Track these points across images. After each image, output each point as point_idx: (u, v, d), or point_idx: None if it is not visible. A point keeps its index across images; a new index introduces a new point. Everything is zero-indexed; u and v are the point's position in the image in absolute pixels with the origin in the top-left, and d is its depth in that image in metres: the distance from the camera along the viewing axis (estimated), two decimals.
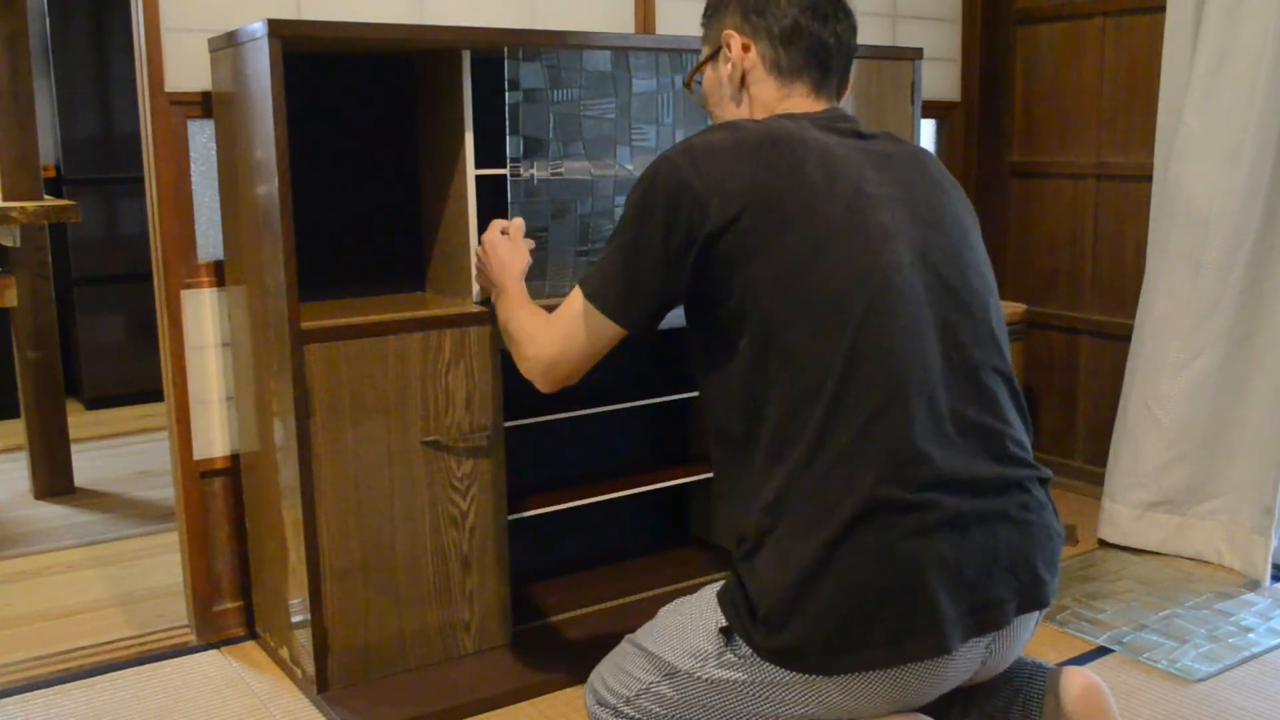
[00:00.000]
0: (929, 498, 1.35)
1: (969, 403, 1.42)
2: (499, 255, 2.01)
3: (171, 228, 2.30)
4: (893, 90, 2.71)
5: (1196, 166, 2.73)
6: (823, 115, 1.57)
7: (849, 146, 1.51)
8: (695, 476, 2.68)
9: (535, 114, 2.21)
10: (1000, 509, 1.40)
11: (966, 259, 1.50)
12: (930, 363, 1.40)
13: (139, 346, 4.54)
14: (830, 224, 1.42)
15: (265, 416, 2.18)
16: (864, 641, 1.33)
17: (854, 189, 1.45)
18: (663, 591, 2.52)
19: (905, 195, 1.49)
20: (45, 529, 3.17)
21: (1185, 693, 2.11)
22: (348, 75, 2.33)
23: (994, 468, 1.41)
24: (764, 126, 1.51)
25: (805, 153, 1.46)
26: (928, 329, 1.42)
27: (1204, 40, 2.69)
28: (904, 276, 1.42)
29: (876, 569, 1.33)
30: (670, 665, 1.49)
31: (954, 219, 1.52)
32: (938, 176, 1.57)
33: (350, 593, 2.12)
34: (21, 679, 2.28)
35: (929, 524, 1.34)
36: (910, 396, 1.37)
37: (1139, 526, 2.86)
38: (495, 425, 2.21)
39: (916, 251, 1.45)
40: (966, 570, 1.35)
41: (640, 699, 1.53)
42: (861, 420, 1.36)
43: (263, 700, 2.17)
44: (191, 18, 2.26)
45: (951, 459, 1.38)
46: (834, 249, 1.41)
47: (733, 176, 1.44)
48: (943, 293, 1.45)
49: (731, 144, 1.48)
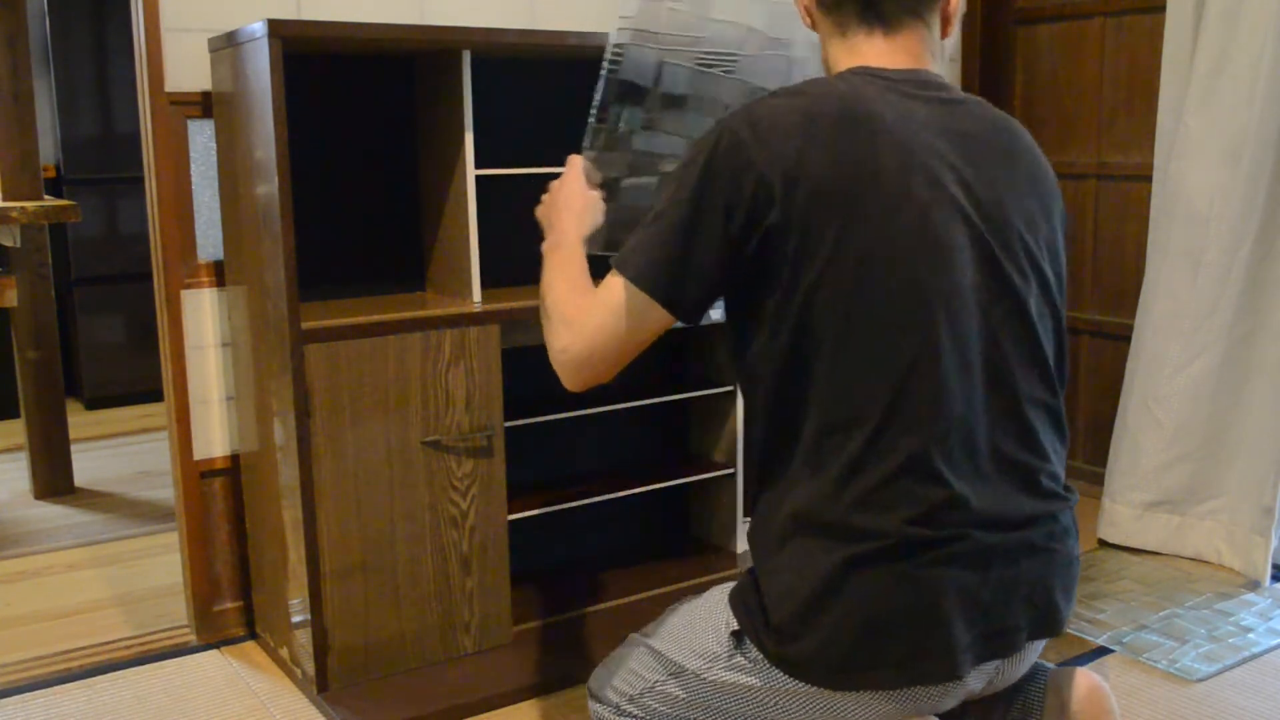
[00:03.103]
0: (958, 533, 1.30)
1: (1009, 438, 1.35)
2: (574, 205, 1.60)
3: (171, 228, 2.30)
4: None
5: (1196, 166, 2.73)
6: (904, 77, 1.36)
7: (930, 122, 1.34)
8: (695, 477, 2.68)
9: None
10: (1027, 541, 1.35)
11: (1032, 276, 1.36)
12: (975, 400, 1.32)
13: (139, 346, 4.54)
14: (900, 238, 1.28)
15: (265, 416, 2.18)
16: (875, 662, 1.30)
17: (929, 189, 1.30)
18: (663, 591, 2.52)
19: (984, 194, 1.34)
20: (45, 529, 3.17)
21: (1185, 693, 2.11)
22: (348, 75, 2.33)
23: (1027, 503, 1.35)
24: (840, 93, 1.33)
25: (882, 138, 1.29)
26: (977, 363, 1.33)
27: (1204, 40, 2.69)
28: (963, 302, 1.31)
29: (894, 592, 1.29)
30: (677, 664, 1.46)
31: (1029, 223, 1.37)
32: (1026, 167, 1.40)
33: (350, 593, 2.12)
34: (21, 679, 2.28)
35: (954, 555, 1.30)
36: (951, 436, 1.30)
37: (1139, 526, 2.86)
38: (495, 425, 2.21)
39: (981, 269, 1.32)
40: (984, 597, 1.32)
41: (645, 697, 1.50)
42: (899, 461, 1.29)
43: (263, 700, 2.17)
44: (191, 18, 2.26)
45: (985, 497, 1.32)
46: (898, 270, 1.28)
47: (802, 162, 1.27)
48: (1001, 317, 1.34)
49: (801, 117, 1.30)
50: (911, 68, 1.39)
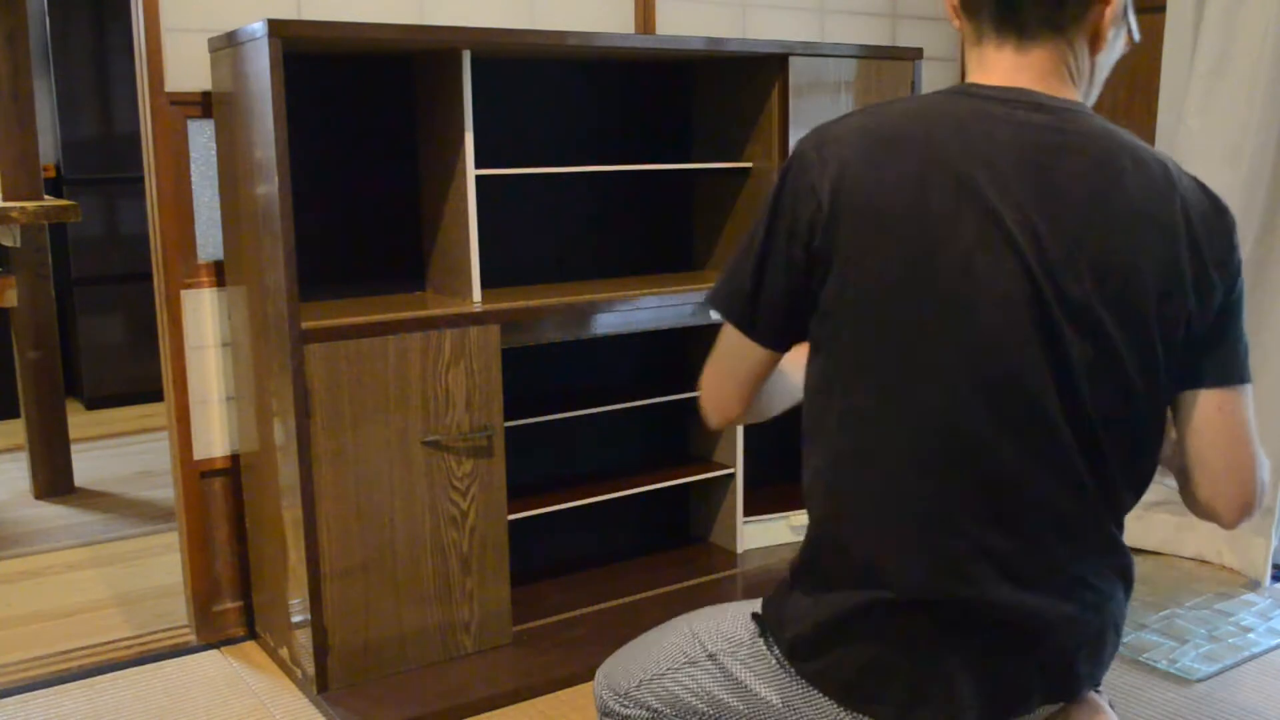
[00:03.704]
0: (977, 595, 1.21)
1: (1045, 531, 1.23)
2: None
3: (171, 228, 2.30)
4: (893, 90, 2.71)
5: (1196, 166, 2.72)
6: (1007, 96, 1.22)
7: (1010, 150, 1.19)
8: (695, 476, 2.69)
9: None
10: (1053, 608, 1.23)
11: (1089, 342, 1.18)
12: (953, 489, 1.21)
13: (139, 346, 4.54)
14: (937, 296, 1.17)
15: (265, 416, 2.18)
16: (876, 698, 1.27)
17: (979, 225, 1.16)
18: (663, 591, 2.52)
19: (1052, 243, 1.17)
20: (45, 529, 3.17)
21: (1185, 693, 2.11)
22: (348, 75, 2.33)
23: (1059, 573, 1.24)
24: (912, 112, 1.24)
25: (935, 164, 1.18)
26: (1005, 441, 1.18)
27: (1204, 40, 2.69)
28: (994, 362, 1.17)
29: (904, 644, 1.25)
30: (702, 646, 1.42)
31: (1102, 279, 1.17)
32: (1122, 216, 1.19)
33: (350, 593, 2.12)
34: (21, 679, 2.28)
35: (970, 621, 1.23)
36: (984, 512, 1.20)
37: (1139, 526, 2.85)
38: (495, 425, 2.21)
39: (1034, 327, 1.17)
40: (996, 661, 1.25)
41: (658, 682, 1.45)
42: (914, 528, 1.20)
43: (263, 700, 2.17)
44: (191, 18, 2.26)
45: (1014, 562, 1.21)
46: (930, 338, 1.18)
47: (854, 187, 1.20)
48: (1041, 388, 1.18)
49: (859, 136, 1.23)
50: (1028, 87, 1.24)
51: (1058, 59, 1.25)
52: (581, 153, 2.60)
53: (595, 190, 2.64)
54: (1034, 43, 1.24)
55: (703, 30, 2.81)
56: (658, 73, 2.70)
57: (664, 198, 2.74)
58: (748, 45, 2.48)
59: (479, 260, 2.27)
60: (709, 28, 2.82)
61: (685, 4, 2.78)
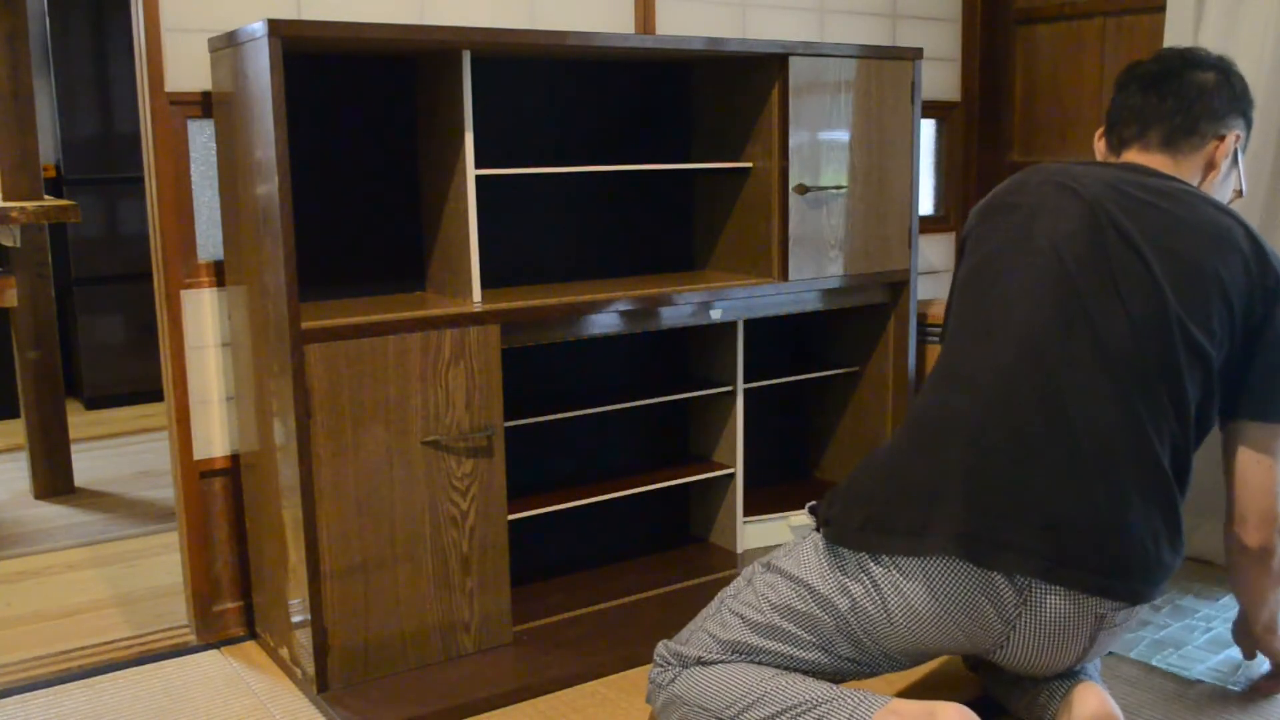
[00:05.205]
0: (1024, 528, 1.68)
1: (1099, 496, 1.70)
2: None
3: (171, 228, 2.30)
4: (893, 90, 2.71)
5: None
6: (1122, 164, 1.81)
7: (1105, 177, 1.73)
8: (695, 476, 2.69)
9: None
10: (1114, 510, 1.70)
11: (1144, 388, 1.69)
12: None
13: (139, 346, 4.55)
14: (999, 303, 1.72)
15: (265, 416, 2.18)
16: (890, 529, 1.65)
17: (1058, 197, 1.76)
18: (663, 591, 2.52)
19: (1130, 221, 1.69)
20: (45, 529, 3.17)
21: (1185, 693, 2.11)
22: (348, 75, 2.33)
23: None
24: (1038, 169, 1.84)
25: (1025, 202, 1.77)
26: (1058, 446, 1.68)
27: (1204, 40, 2.69)
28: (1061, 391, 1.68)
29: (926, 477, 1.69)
30: (790, 574, 1.76)
31: (1172, 267, 1.69)
32: (1189, 234, 1.69)
33: (350, 593, 2.12)
34: (21, 679, 2.28)
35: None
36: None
37: None
38: (495, 425, 2.21)
39: (1082, 371, 1.67)
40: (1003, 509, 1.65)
41: (715, 617, 1.83)
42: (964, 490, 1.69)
43: (263, 700, 2.17)
44: (191, 18, 2.26)
45: (1071, 507, 1.67)
46: (990, 338, 1.72)
47: (978, 220, 1.86)
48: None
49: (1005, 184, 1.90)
50: (1142, 165, 1.82)
51: (1180, 163, 1.82)
52: (581, 153, 2.60)
53: (595, 190, 2.64)
54: (1156, 155, 1.83)
55: (702, 30, 2.81)
56: (657, 73, 2.70)
57: (664, 198, 2.74)
58: (747, 45, 2.48)
59: (479, 260, 2.27)
60: (709, 28, 2.82)
61: (685, 4, 2.78)
